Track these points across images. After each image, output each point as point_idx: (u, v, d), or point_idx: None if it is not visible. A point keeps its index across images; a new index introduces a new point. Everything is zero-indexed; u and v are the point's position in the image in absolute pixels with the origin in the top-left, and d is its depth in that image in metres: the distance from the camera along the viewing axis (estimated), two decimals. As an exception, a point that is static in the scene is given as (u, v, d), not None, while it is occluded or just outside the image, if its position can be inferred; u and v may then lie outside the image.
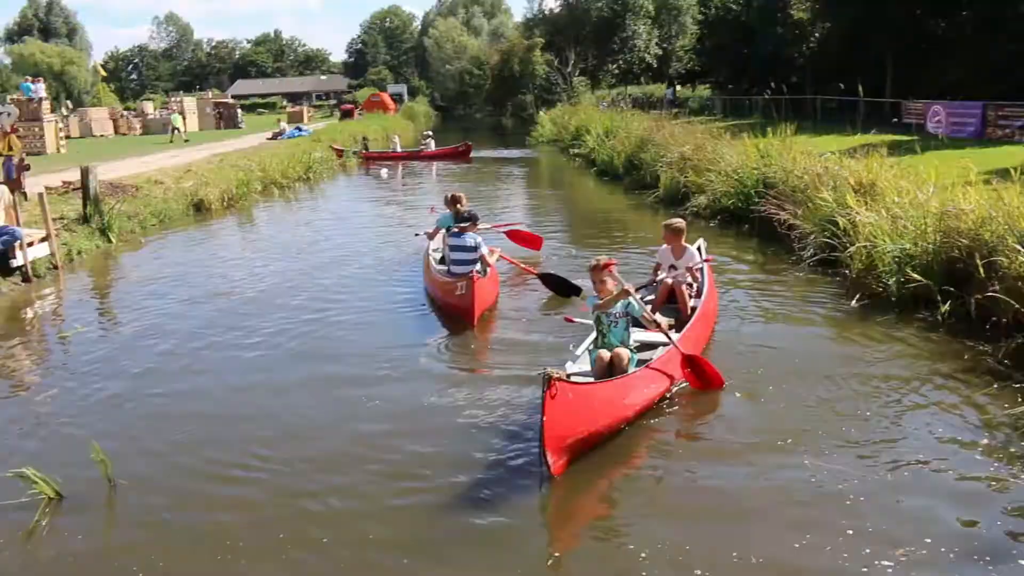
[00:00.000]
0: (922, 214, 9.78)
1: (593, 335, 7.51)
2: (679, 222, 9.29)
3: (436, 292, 10.76)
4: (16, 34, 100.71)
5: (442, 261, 11.34)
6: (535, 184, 27.33)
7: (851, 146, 15.39)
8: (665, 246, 9.24)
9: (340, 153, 34.68)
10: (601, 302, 7.09)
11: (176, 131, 41.57)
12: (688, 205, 16.72)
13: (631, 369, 6.87)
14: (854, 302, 9.57)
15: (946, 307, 8.70)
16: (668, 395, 7.09)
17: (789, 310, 9.71)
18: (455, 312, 9.97)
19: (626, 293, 6.98)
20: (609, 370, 6.86)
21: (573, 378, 6.79)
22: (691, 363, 7.22)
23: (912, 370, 7.49)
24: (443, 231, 11.57)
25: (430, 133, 38.31)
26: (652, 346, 7.78)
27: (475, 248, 10.67)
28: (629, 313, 7.20)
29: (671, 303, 8.79)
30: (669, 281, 8.82)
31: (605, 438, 6.22)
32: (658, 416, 6.84)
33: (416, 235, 13.27)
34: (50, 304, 12.05)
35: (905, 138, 20.84)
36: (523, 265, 11.77)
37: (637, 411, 6.61)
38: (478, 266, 10.49)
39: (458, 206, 11.52)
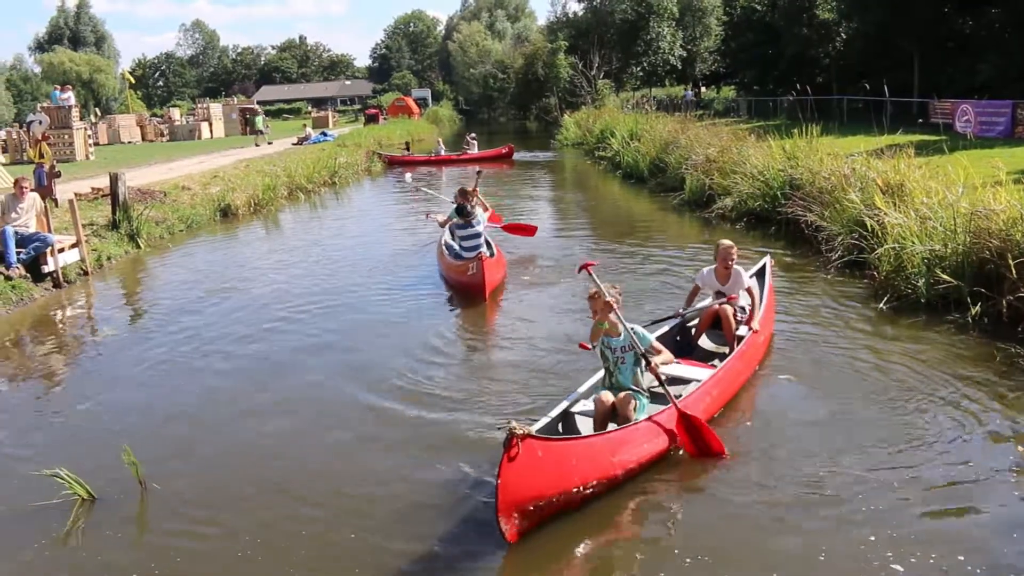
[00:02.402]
0: (951, 215, 9.69)
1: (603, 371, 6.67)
2: (733, 245, 8.14)
3: (450, 275, 11.92)
4: (46, 43, 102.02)
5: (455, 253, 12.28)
6: (561, 187, 27.31)
7: (878, 147, 15.29)
8: (709, 268, 8.24)
9: (377, 154, 36.04)
10: (593, 331, 6.37)
11: (261, 133, 43.33)
12: (714, 207, 16.66)
13: (639, 416, 6.07)
14: (883, 304, 9.49)
15: (977, 309, 8.61)
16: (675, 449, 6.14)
17: (816, 312, 9.62)
18: (468, 290, 11.21)
19: (608, 306, 6.16)
20: (611, 417, 6.10)
21: (578, 419, 6.39)
22: (687, 424, 6.03)
23: (943, 373, 7.40)
24: (451, 223, 12.69)
25: (474, 135, 38.54)
26: (686, 381, 6.94)
27: (479, 235, 12.06)
28: (638, 343, 6.32)
29: (716, 328, 7.98)
30: (716, 306, 7.87)
31: (588, 499, 5.41)
32: (659, 463, 5.97)
33: (426, 216, 14.24)
34: (80, 309, 12.19)
35: (933, 138, 20.64)
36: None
37: (630, 470, 5.67)
38: (484, 249, 11.76)
39: (462, 201, 12.59)
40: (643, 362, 6.31)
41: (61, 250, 12.96)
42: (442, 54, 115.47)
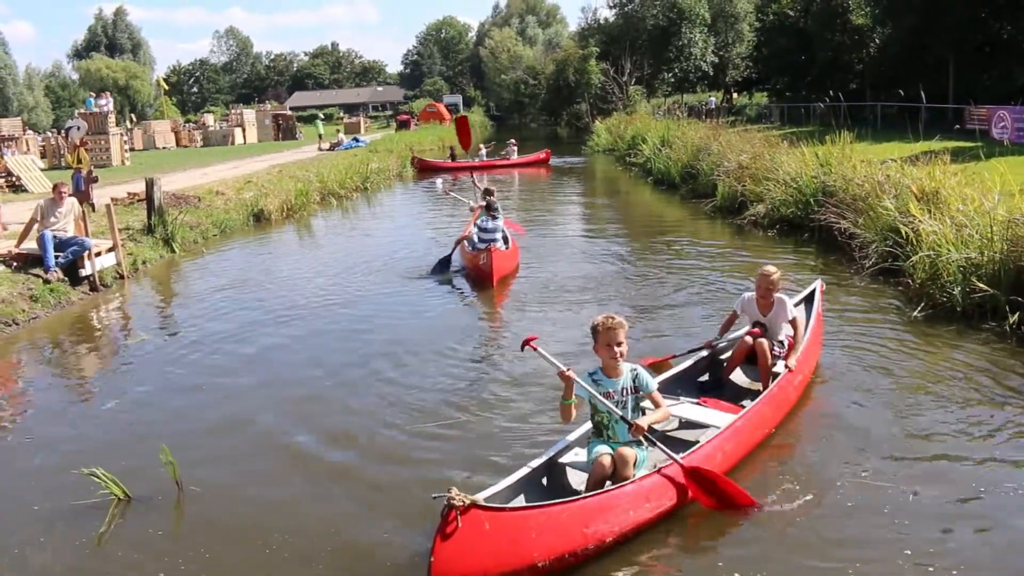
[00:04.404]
0: (988, 222, 9.57)
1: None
2: (777, 272, 7.33)
3: (467, 263, 13.15)
4: (84, 50, 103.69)
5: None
6: (592, 192, 27.30)
7: (913, 153, 15.16)
8: (751, 294, 7.48)
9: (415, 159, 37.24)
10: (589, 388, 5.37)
11: (320, 136, 46.14)
12: (746, 214, 16.59)
13: (638, 473, 5.28)
14: (917, 312, 9.38)
15: (1015, 317, 8.49)
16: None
17: (850, 320, 9.52)
18: (479, 276, 12.35)
19: (567, 378, 5.27)
20: (611, 479, 5.24)
21: (570, 472, 5.63)
22: (699, 479, 5.31)
23: (980, 383, 7.30)
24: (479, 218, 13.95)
25: (514, 141, 38.89)
26: (704, 427, 6.12)
27: (498, 230, 13.38)
28: (639, 388, 5.50)
29: (752, 363, 7.25)
30: (749, 340, 7.15)
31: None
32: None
33: (471, 209, 15.42)
34: (116, 312, 12.35)
35: (969, 144, 20.41)
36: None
37: (608, 542, 4.87)
38: (499, 243, 13.06)
39: (490, 198, 14.03)
40: (640, 409, 5.52)
41: (98, 254, 13.14)
42: (473, 60, 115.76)
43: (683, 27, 59.89)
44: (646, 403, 5.60)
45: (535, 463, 5.47)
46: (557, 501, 4.83)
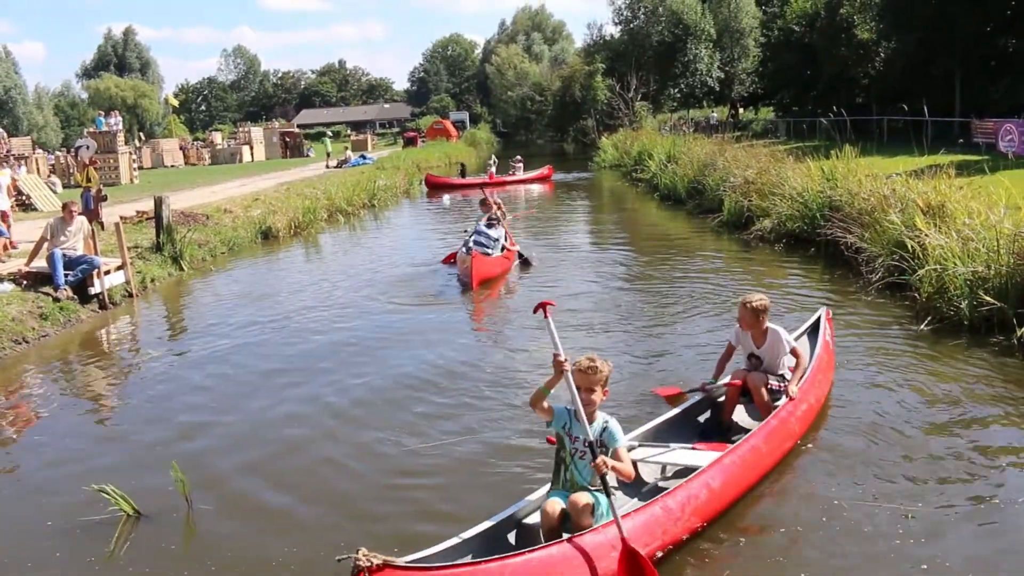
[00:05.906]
0: (994, 236, 9.57)
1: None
2: (759, 300, 6.78)
3: (458, 267, 14.28)
4: (93, 70, 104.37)
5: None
6: (598, 208, 27.33)
7: (918, 167, 15.18)
8: (740, 327, 6.96)
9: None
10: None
11: (328, 153, 47.15)
12: (752, 229, 16.60)
13: (596, 522, 4.81)
14: (924, 326, 9.37)
15: (1022, 331, 8.47)
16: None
17: (856, 334, 9.51)
18: (465, 279, 13.40)
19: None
20: (562, 528, 4.85)
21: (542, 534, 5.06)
22: (633, 565, 4.55)
23: (988, 396, 7.27)
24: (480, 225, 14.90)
25: (520, 158, 39.35)
26: (691, 470, 5.52)
27: (496, 239, 14.48)
28: (605, 443, 5.04)
29: (749, 398, 6.75)
30: (738, 378, 6.70)
31: None
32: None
33: (465, 231, 16.15)
34: (125, 330, 12.41)
35: (975, 158, 20.44)
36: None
37: None
38: (494, 251, 14.22)
39: (493, 208, 15.24)
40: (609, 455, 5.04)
41: (107, 272, 13.21)
42: (480, 77, 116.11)
43: (688, 43, 60.00)
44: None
45: (492, 521, 5.02)
46: (492, 557, 4.35)
